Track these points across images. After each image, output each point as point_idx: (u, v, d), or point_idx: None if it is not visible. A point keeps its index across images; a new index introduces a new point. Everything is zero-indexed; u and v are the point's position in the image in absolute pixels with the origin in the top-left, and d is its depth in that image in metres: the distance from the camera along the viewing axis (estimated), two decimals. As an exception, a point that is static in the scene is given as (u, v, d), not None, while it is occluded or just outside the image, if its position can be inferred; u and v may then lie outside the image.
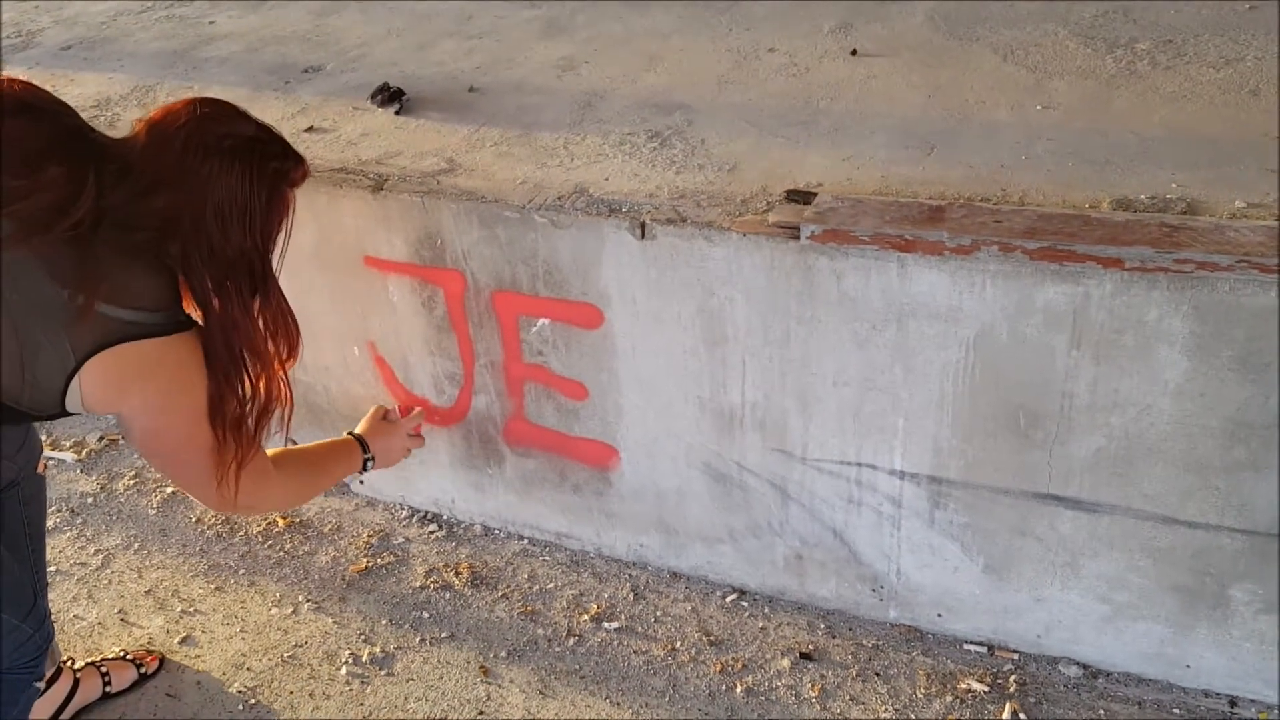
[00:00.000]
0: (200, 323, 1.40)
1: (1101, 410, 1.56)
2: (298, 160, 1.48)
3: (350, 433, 1.91)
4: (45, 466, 1.74)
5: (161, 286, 1.36)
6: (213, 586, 2.18)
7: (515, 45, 2.55)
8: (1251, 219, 1.48)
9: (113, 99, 2.46)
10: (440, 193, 1.87)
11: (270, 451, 1.64)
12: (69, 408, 1.34)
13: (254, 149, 1.39)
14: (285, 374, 1.51)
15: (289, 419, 1.54)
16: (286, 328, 1.48)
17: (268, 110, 2.30)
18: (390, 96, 2.25)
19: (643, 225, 1.72)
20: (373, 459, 1.88)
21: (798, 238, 1.60)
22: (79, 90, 2.53)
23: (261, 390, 1.47)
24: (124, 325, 1.31)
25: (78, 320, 1.27)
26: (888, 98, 2.04)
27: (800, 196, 1.69)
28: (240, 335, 1.40)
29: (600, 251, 1.78)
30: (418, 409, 2.08)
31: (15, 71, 2.70)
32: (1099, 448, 1.60)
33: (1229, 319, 1.42)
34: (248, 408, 1.45)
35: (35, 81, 1.40)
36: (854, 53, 2.25)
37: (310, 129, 2.18)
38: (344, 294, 2.10)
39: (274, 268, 1.46)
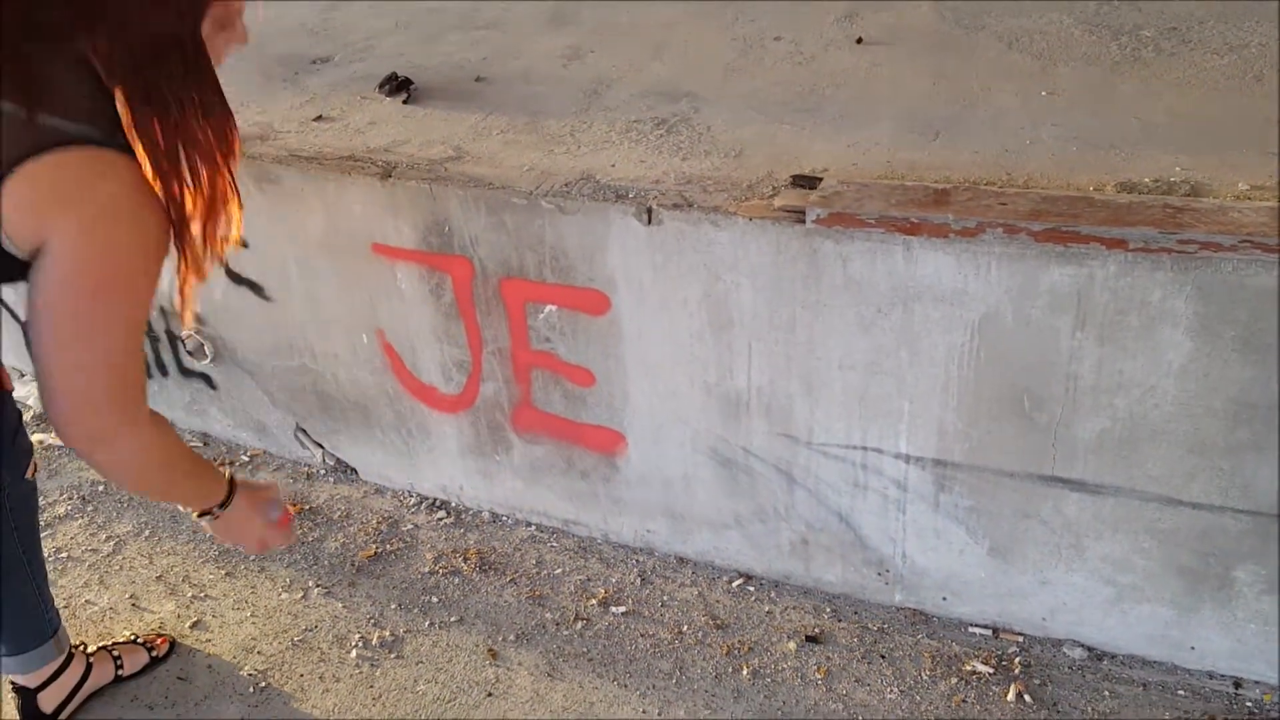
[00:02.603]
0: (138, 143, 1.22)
1: (1106, 392, 1.57)
2: None
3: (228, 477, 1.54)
4: (35, 471, 1.68)
5: (97, 98, 1.18)
6: (223, 572, 2.20)
7: (521, 36, 2.56)
8: (1255, 201, 1.49)
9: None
10: (448, 180, 1.89)
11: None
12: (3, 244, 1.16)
13: None
14: (230, 174, 1.31)
15: (239, 223, 1.36)
16: (225, 118, 1.28)
17: (277, 99, 2.32)
18: (398, 86, 2.26)
19: (649, 211, 1.73)
20: (219, 511, 1.49)
21: (803, 222, 1.61)
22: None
23: (206, 191, 1.27)
24: (57, 133, 1.14)
25: (12, 131, 1.12)
26: (893, 85, 2.05)
27: (806, 181, 1.70)
28: (182, 132, 1.22)
29: (607, 237, 1.79)
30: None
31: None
32: (1103, 429, 1.61)
33: (1232, 299, 1.43)
34: (194, 217, 1.27)
35: None
36: (859, 41, 2.26)
37: (319, 118, 2.19)
38: (352, 281, 2.11)
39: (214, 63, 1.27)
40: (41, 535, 1.78)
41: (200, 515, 1.50)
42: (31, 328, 1.20)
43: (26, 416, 2.70)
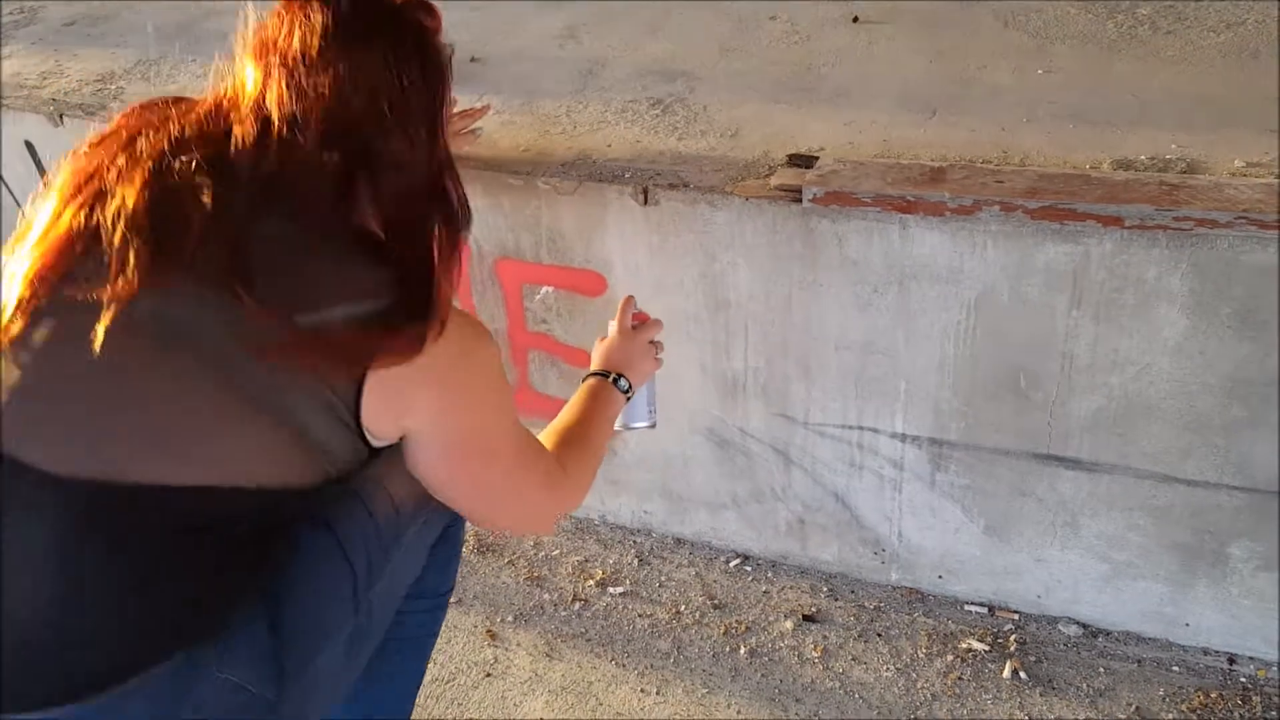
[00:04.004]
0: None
1: (1101, 370, 1.58)
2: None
3: (586, 375, 1.55)
4: None
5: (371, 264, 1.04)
6: (222, 555, 2.21)
7: (516, 15, 2.55)
8: (1251, 177, 1.49)
9: (116, 73, 2.47)
10: (443, 161, 1.88)
11: None
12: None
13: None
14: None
15: None
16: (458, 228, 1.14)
17: (270, 82, 2.30)
18: (392, 67, 2.25)
19: (645, 191, 1.73)
20: (623, 377, 1.52)
21: (800, 201, 1.61)
22: (82, 66, 2.53)
23: None
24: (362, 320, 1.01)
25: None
26: (889, 63, 2.04)
27: (802, 160, 1.70)
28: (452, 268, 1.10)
29: (603, 218, 1.79)
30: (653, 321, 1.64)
31: (16, 48, 2.70)
32: (1099, 407, 1.61)
33: (1228, 276, 1.43)
34: None
35: (37, 59, 1.29)
36: (855, 19, 2.25)
37: (313, 100, 2.18)
38: (348, 264, 2.10)
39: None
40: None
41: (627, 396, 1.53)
42: (441, 494, 1.18)
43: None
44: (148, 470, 0.96)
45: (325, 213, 1.02)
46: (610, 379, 1.49)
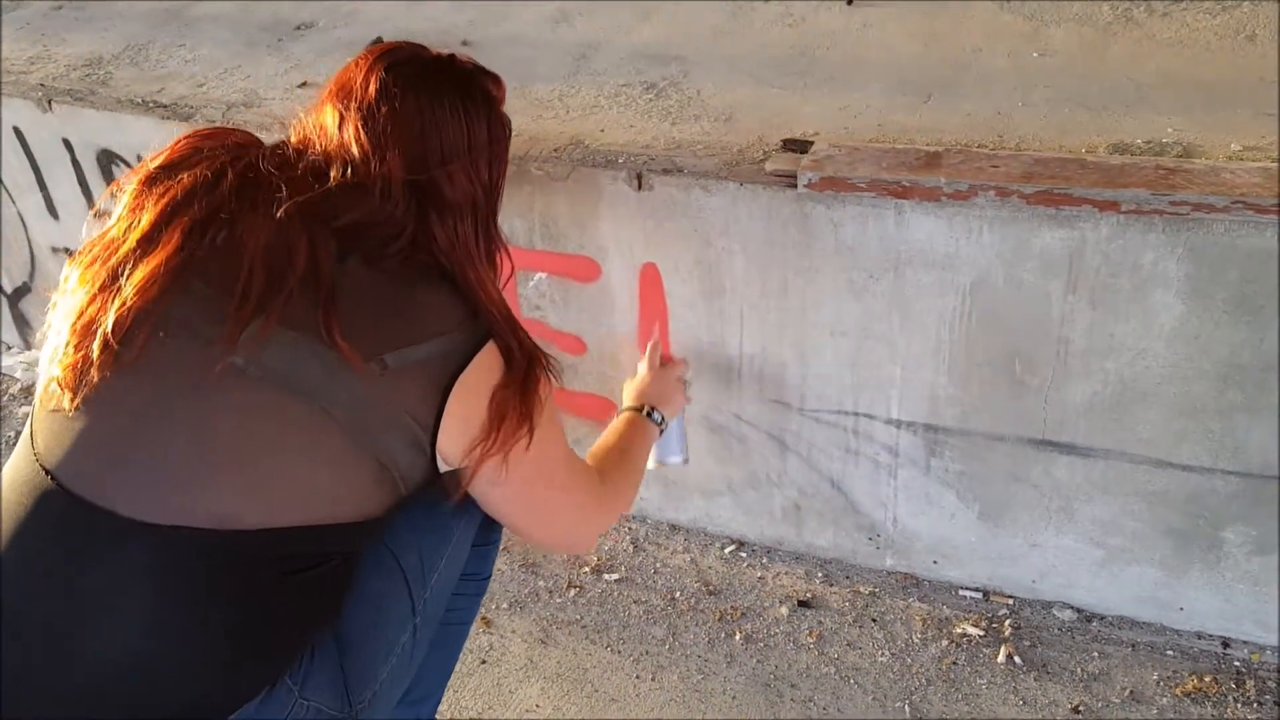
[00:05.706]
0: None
1: (1097, 355, 1.57)
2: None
3: (622, 409, 1.68)
4: None
5: (445, 296, 1.12)
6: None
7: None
8: (1247, 161, 1.48)
9: (104, 58, 2.44)
10: (436, 146, 1.86)
11: None
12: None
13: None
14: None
15: None
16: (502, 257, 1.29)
17: (261, 65, 2.28)
18: (383, 51, 2.23)
19: (639, 176, 1.71)
20: (656, 410, 1.64)
21: (795, 186, 1.60)
22: (71, 50, 2.51)
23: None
24: (443, 359, 1.06)
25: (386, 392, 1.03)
26: (884, 47, 2.03)
27: (797, 145, 1.69)
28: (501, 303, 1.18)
29: (597, 203, 1.78)
30: (681, 360, 1.83)
31: (3, 33, 2.67)
32: (1094, 393, 1.61)
33: (1224, 261, 1.42)
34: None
35: (24, 44, 1.32)
36: (849, 2, 2.24)
37: (304, 85, 2.16)
38: (341, 250, 2.09)
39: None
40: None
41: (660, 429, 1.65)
42: (496, 511, 1.24)
43: (14, 389, 2.69)
44: (249, 516, 0.97)
45: (403, 252, 1.09)
46: (644, 412, 1.61)
